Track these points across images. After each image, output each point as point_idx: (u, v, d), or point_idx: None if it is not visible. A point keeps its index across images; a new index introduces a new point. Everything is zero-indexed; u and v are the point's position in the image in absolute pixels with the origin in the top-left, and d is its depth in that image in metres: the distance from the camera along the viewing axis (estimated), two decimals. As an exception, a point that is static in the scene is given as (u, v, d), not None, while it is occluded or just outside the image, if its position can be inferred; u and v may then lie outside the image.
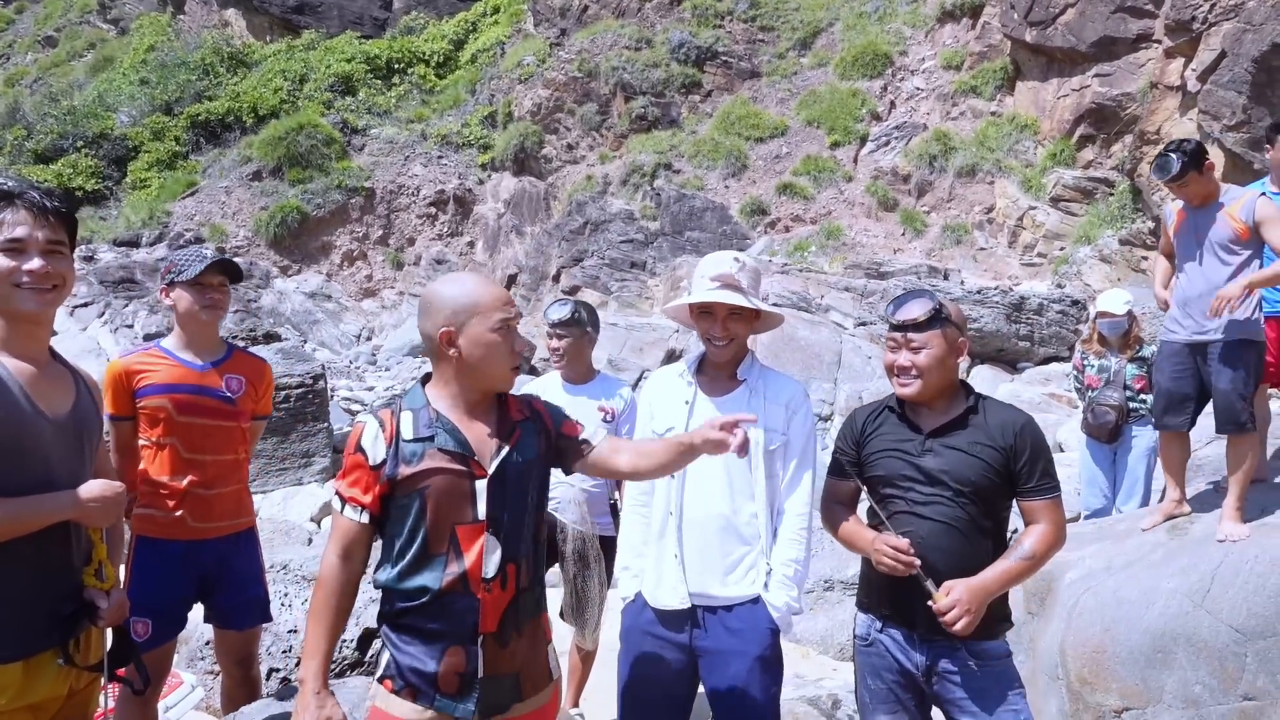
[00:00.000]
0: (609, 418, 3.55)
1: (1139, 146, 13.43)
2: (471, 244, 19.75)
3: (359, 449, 1.97)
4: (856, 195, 16.97)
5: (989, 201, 15.90)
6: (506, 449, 2.01)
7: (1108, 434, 5.08)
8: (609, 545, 3.42)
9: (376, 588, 2.03)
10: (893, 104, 18.83)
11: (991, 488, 2.24)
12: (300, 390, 8.31)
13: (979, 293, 10.44)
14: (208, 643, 3.65)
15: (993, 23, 17.32)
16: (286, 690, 3.03)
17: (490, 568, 1.96)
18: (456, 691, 1.93)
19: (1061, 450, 7.45)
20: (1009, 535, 2.40)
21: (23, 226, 1.94)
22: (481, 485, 1.96)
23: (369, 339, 17.22)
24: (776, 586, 2.39)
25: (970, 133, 16.84)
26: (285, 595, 3.87)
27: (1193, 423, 4.07)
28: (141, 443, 3.04)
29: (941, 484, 2.23)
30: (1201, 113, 12.27)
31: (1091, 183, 14.86)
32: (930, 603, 2.12)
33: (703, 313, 2.46)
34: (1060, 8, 15.18)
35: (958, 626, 2.10)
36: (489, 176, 20.78)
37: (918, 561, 2.16)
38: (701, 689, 2.46)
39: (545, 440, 2.12)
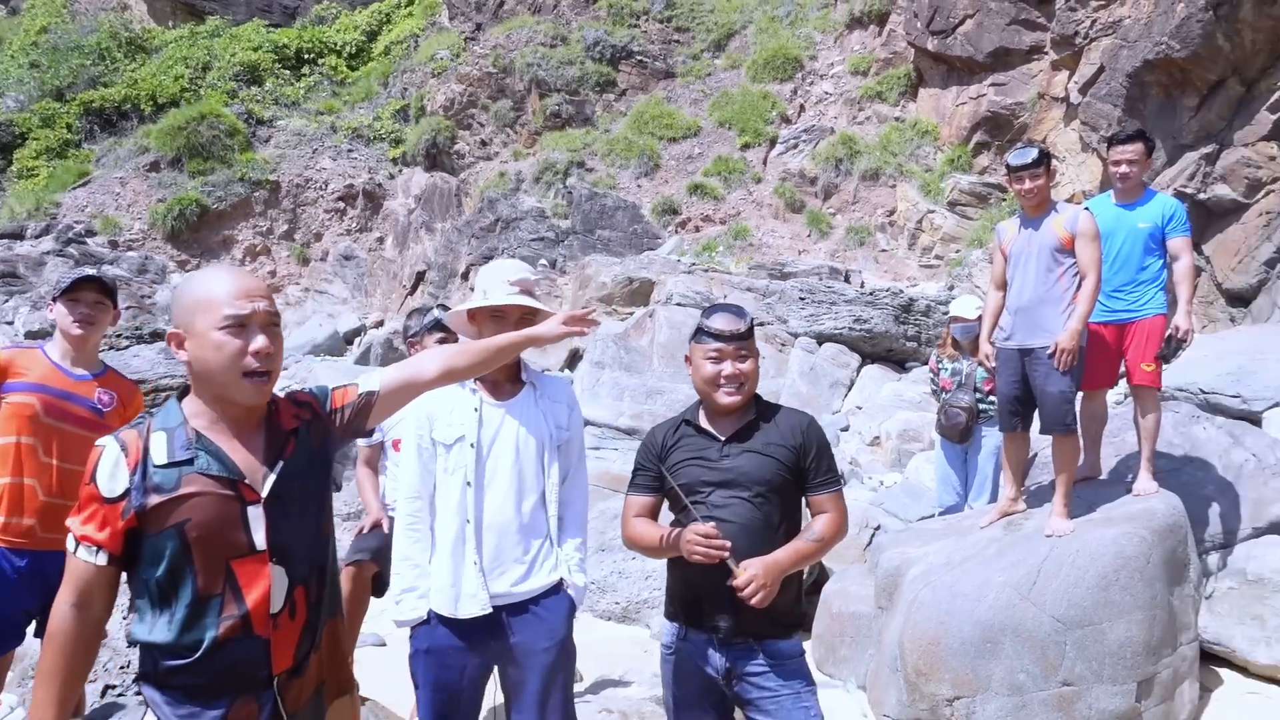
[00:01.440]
0: None
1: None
2: (381, 240, 19.43)
3: (93, 479, 1.70)
4: (765, 196, 17.28)
5: (891, 204, 16.37)
6: (281, 464, 1.81)
7: (959, 434, 5.34)
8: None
9: (131, 644, 1.77)
10: (802, 107, 19.22)
11: (785, 485, 2.36)
12: (183, 394, 8.03)
13: (870, 294, 10.77)
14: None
15: (898, 30, 17.82)
16: (106, 709, 2.97)
17: (277, 601, 1.76)
18: None
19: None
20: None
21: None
22: (256, 511, 1.75)
23: (271, 337, 16.77)
24: (574, 569, 2.58)
25: (875, 137, 17.30)
26: (122, 606, 3.77)
27: (1028, 424, 4.30)
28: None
29: (740, 485, 2.33)
30: (1082, 123, 12.89)
31: (986, 188, 15.43)
32: (730, 581, 2.19)
33: (494, 316, 2.55)
34: (960, 18, 15.71)
35: (755, 599, 2.18)
36: (400, 171, 20.47)
37: (728, 543, 2.19)
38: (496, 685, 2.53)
39: (321, 431, 1.94)
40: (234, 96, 21.76)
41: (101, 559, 1.72)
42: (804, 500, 2.43)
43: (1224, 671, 4.35)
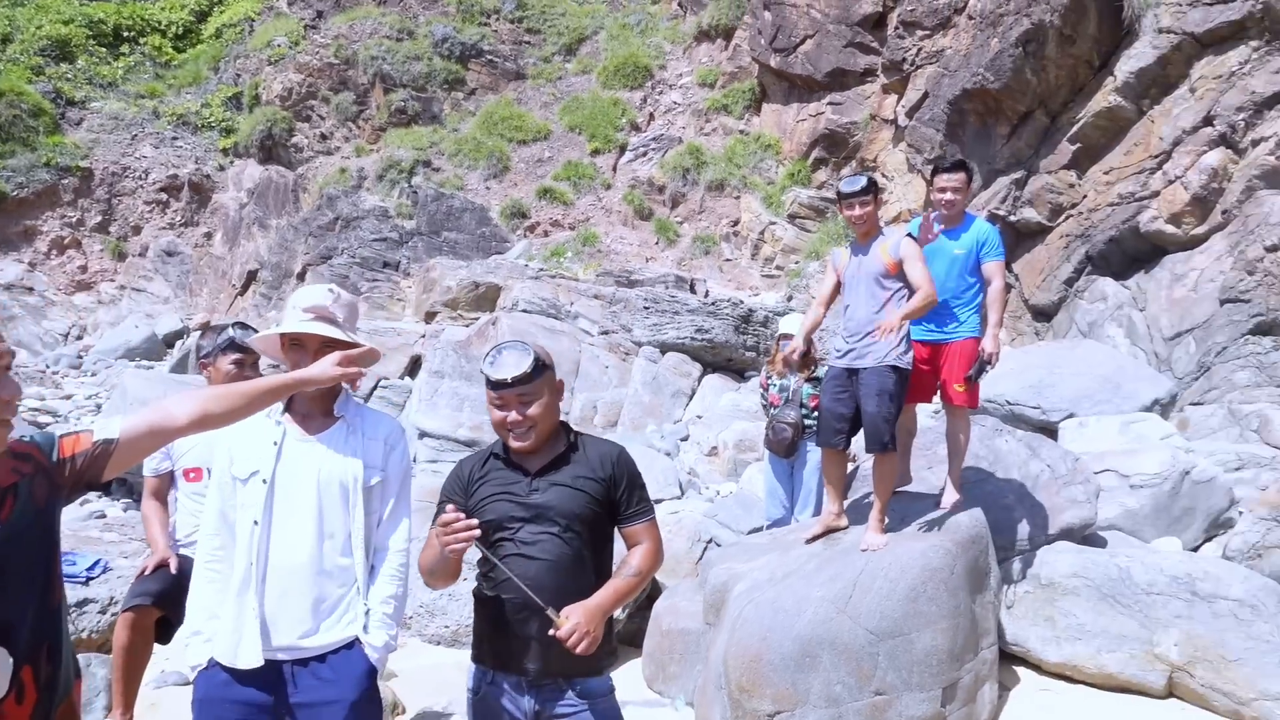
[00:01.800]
0: None
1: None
2: (209, 235, 18.24)
3: None
4: (614, 203, 17.39)
5: (735, 215, 16.84)
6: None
7: (785, 449, 5.52)
8: None
9: None
10: (651, 116, 19.47)
11: (595, 518, 2.33)
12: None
13: (713, 304, 11.02)
14: None
15: (743, 45, 18.35)
16: None
17: (1, 686, 1.59)
18: None
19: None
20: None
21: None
22: None
23: (79, 338, 15.41)
24: (375, 626, 2.34)
25: (721, 148, 17.75)
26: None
27: (848, 442, 4.48)
28: None
29: (549, 520, 2.28)
30: (908, 145, 13.69)
31: (823, 202, 16.12)
32: (552, 631, 2.14)
33: (294, 344, 2.38)
34: (801, 38, 16.34)
35: (580, 648, 2.13)
36: (232, 163, 19.29)
37: (475, 521, 2.15)
38: None
39: (46, 485, 1.74)
40: (39, 73, 19.86)
41: None
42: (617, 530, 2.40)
43: (1021, 670, 4.68)
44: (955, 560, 4.10)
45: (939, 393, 4.71)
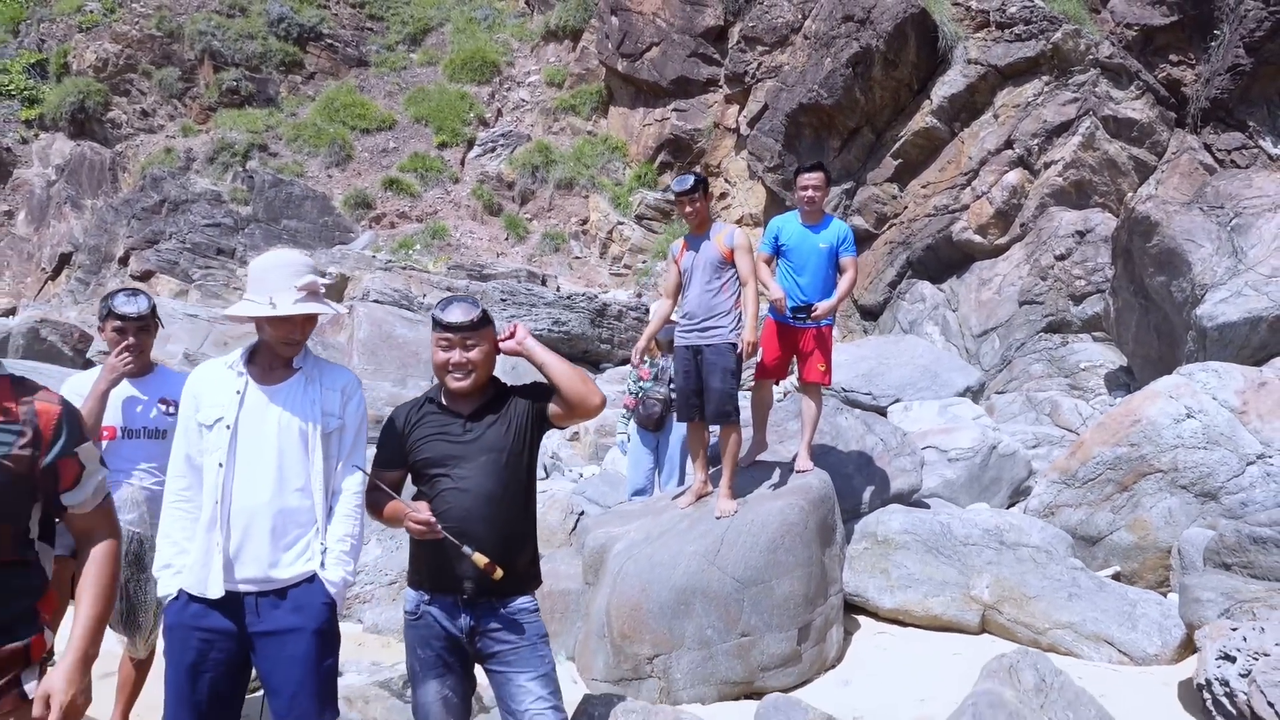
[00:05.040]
0: (171, 411, 3.38)
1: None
2: (10, 214, 16.66)
3: None
4: (463, 197, 17.32)
5: (584, 214, 17.19)
6: None
7: (654, 423, 5.92)
8: None
9: None
10: (499, 112, 19.50)
11: (521, 453, 2.61)
12: None
13: (568, 298, 11.30)
14: None
15: (591, 48, 18.73)
16: None
17: None
18: None
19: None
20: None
21: None
22: None
23: None
24: (333, 563, 2.50)
25: (569, 148, 18.04)
26: None
27: (703, 414, 4.84)
28: None
29: (482, 458, 2.52)
30: (749, 154, 14.51)
31: (669, 204, 16.71)
32: (479, 566, 2.39)
33: (281, 319, 2.49)
34: (647, 44, 16.89)
35: (495, 576, 2.43)
36: (36, 136, 17.71)
37: (438, 523, 2.43)
38: (255, 678, 2.48)
39: (29, 458, 1.85)
40: None
41: None
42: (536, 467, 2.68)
43: (860, 617, 5.24)
44: (808, 516, 4.57)
45: (795, 372, 5.20)
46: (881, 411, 8.01)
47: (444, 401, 2.62)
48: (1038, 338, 10.65)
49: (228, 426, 2.43)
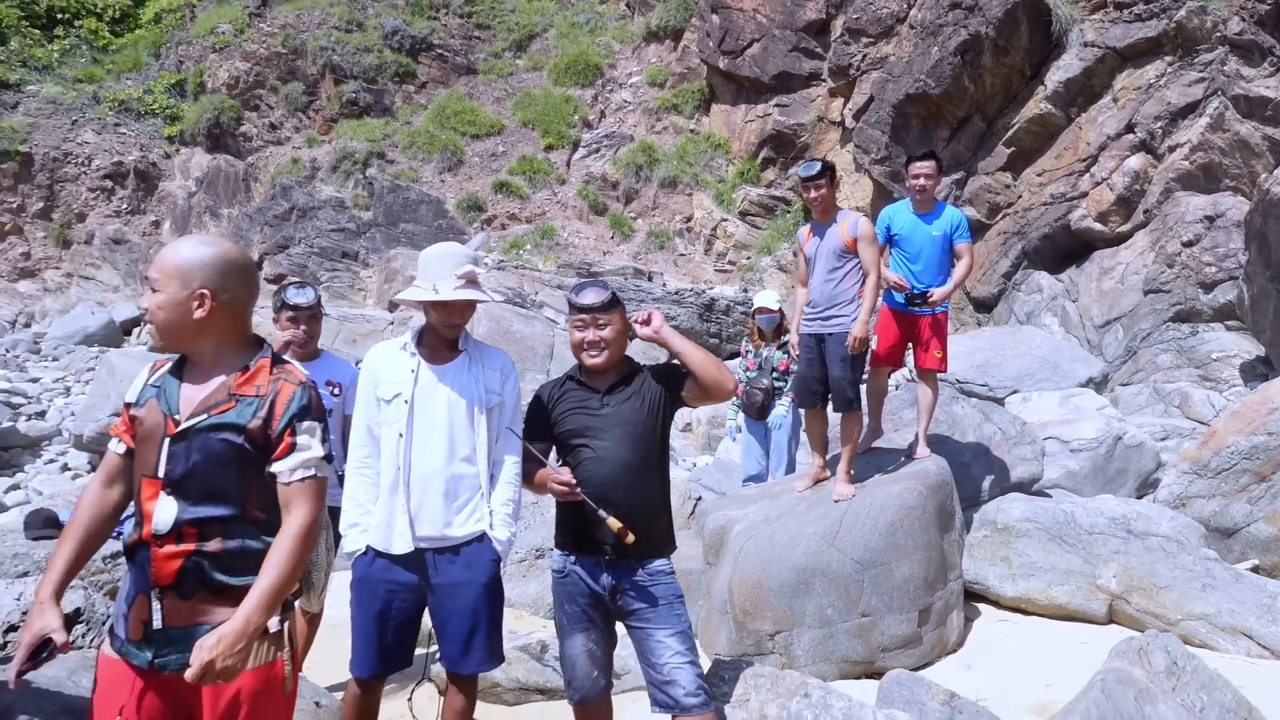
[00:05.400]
0: (336, 392, 3.72)
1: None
2: (157, 224, 17.97)
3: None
4: (569, 198, 17.73)
5: (688, 211, 17.35)
6: (205, 416, 1.96)
7: (757, 411, 6.05)
8: (335, 514, 3.57)
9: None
10: (603, 113, 19.86)
11: (657, 426, 2.81)
12: None
13: (676, 294, 11.49)
14: None
15: (691, 47, 18.88)
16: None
17: (164, 525, 1.92)
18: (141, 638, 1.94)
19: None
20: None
21: None
22: (167, 443, 1.95)
23: (27, 325, 15.09)
24: (499, 523, 2.77)
25: (672, 147, 18.24)
26: None
27: (825, 402, 4.93)
28: None
29: (618, 430, 2.73)
30: (855, 146, 14.38)
31: (772, 200, 16.76)
32: (615, 531, 2.60)
33: (441, 304, 2.75)
34: (748, 41, 16.93)
35: (629, 540, 2.64)
36: (178, 151, 19.02)
37: (577, 485, 2.67)
38: (428, 623, 2.75)
39: (263, 428, 1.99)
40: (-28, 55, 19.30)
41: (121, 448, 2.06)
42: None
43: (981, 605, 5.23)
44: (926, 501, 4.61)
45: (912, 359, 5.23)
46: (999, 403, 7.88)
47: (582, 378, 2.86)
48: (1165, 327, 10.23)
49: (406, 401, 2.71)
